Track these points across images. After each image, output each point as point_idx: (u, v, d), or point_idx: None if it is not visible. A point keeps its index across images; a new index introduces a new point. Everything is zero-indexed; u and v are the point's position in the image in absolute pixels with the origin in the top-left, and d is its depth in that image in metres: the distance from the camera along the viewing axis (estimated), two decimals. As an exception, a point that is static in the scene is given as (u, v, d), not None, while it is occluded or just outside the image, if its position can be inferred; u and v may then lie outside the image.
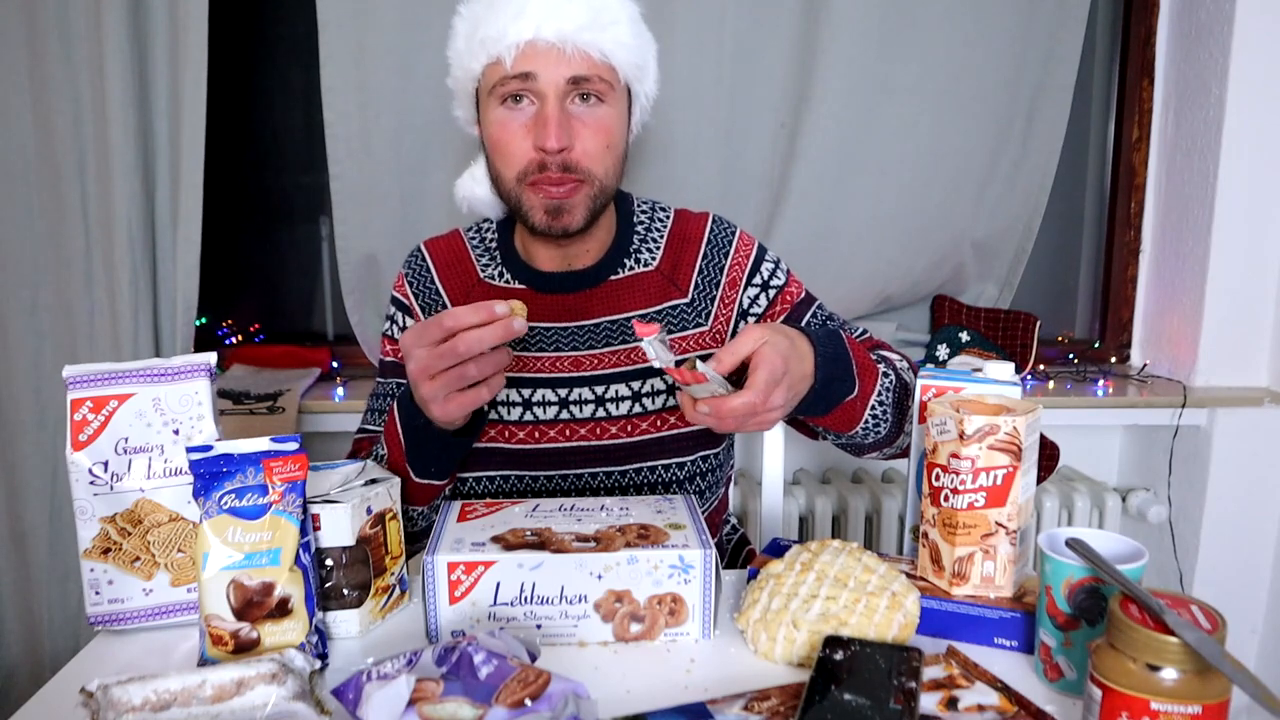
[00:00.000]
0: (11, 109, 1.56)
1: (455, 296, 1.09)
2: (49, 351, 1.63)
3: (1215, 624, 0.58)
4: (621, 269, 1.07)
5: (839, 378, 0.91)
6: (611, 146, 0.98)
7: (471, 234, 1.14)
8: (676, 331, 1.06)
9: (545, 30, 0.91)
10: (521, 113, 0.95)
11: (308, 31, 1.59)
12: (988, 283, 1.90)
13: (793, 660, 0.75)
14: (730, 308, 1.07)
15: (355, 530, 0.81)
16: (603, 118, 0.96)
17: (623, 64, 0.97)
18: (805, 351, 0.87)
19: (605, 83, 0.96)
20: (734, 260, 1.07)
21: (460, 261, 1.11)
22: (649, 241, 1.08)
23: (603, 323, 1.06)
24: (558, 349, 1.05)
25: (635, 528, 0.83)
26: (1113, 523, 1.82)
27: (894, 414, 0.99)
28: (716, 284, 1.07)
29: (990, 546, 0.79)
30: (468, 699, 0.62)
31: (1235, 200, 1.74)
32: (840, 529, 1.81)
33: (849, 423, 0.96)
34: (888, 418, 0.98)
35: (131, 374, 0.82)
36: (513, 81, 0.93)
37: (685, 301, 1.06)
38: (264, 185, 1.90)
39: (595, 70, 0.94)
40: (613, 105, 0.97)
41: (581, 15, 0.92)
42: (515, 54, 0.92)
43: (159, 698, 0.62)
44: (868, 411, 0.96)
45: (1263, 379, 1.81)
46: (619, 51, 0.96)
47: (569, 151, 0.95)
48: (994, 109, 1.74)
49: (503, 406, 1.05)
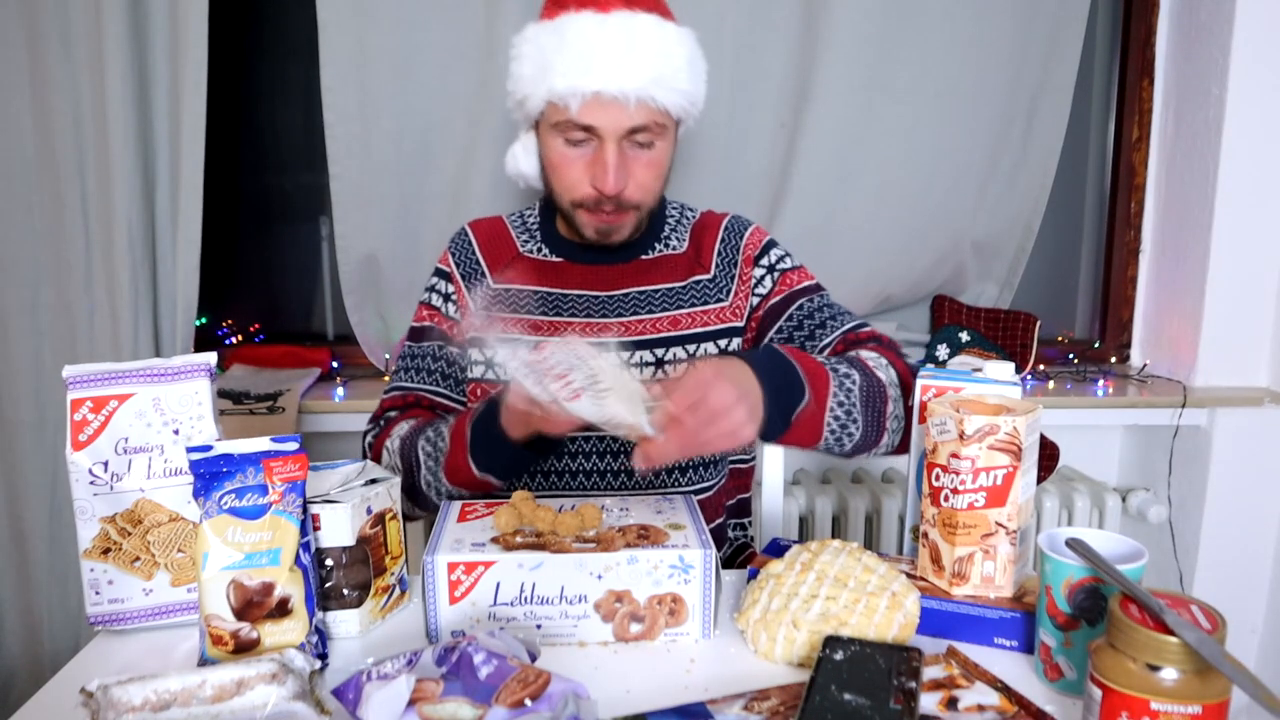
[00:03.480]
0: (11, 109, 1.56)
1: (495, 267, 1.17)
2: (49, 351, 1.63)
3: (1215, 624, 0.58)
4: (651, 251, 1.16)
5: (787, 386, 0.90)
6: (659, 176, 1.08)
7: (513, 217, 1.22)
8: (700, 305, 1.12)
9: (610, 86, 0.98)
10: (582, 153, 1.04)
11: (308, 31, 1.59)
12: (988, 283, 1.90)
13: (793, 660, 0.75)
14: (747, 285, 1.14)
15: (355, 530, 0.81)
16: (655, 156, 1.05)
17: (677, 107, 1.04)
18: (738, 364, 0.86)
19: (661, 126, 1.04)
20: (748, 243, 1.16)
21: (501, 238, 1.19)
22: (678, 231, 1.18)
23: (631, 293, 1.13)
24: (588, 315, 1.12)
25: (635, 528, 0.83)
26: (1113, 523, 1.82)
27: (865, 414, 0.96)
28: (734, 263, 1.15)
29: (990, 546, 0.79)
30: (468, 699, 0.62)
31: (1235, 200, 1.74)
32: (840, 529, 1.81)
33: (813, 434, 0.94)
34: (855, 420, 0.96)
35: (131, 374, 0.82)
36: (576, 129, 1.01)
37: (708, 278, 1.14)
38: (264, 185, 1.90)
39: (653, 118, 1.02)
40: (665, 140, 1.06)
41: (645, 74, 0.99)
42: (580, 104, 0.99)
43: (159, 698, 0.62)
44: (828, 415, 0.94)
45: (1263, 379, 1.81)
46: (677, 99, 1.03)
47: (624, 192, 1.04)
48: (994, 109, 1.74)
49: None
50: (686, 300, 1.12)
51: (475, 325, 1.09)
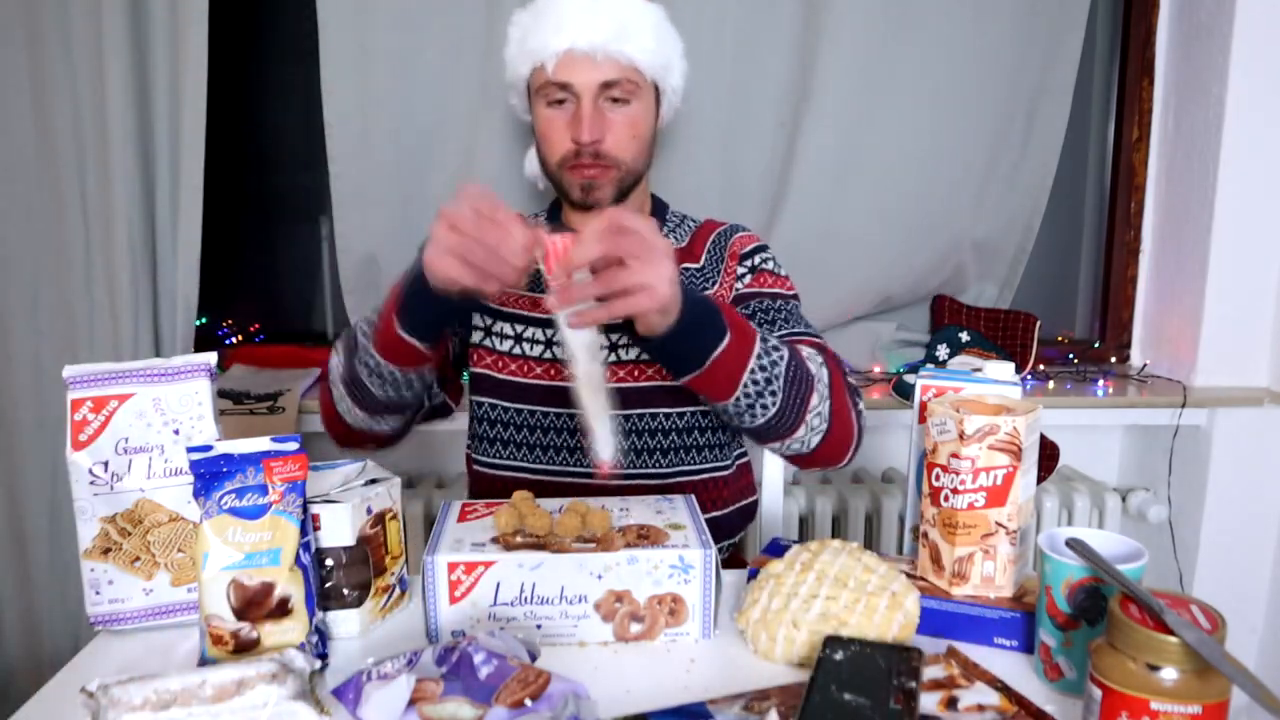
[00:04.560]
0: (11, 109, 1.56)
1: None
2: (49, 351, 1.63)
3: (1215, 624, 0.58)
4: None
5: (707, 323, 0.88)
6: (637, 137, 1.13)
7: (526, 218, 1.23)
8: None
9: (579, 41, 1.06)
10: (563, 111, 1.11)
11: (308, 31, 1.59)
12: (988, 283, 1.90)
13: (793, 660, 0.75)
14: (731, 277, 1.18)
15: (355, 530, 0.81)
16: (630, 114, 1.12)
17: (647, 66, 1.11)
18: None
19: (633, 84, 1.10)
20: (737, 240, 1.21)
21: None
22: (677, 233, 1.23)
23: None
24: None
25: (635, 528, 0.83)
26: (1113, 523, 1.82)
27: (786, 392, 0.94)
28: (722, 258, 1.20)
29: (990, 546, 0.79)
30: (468, 699, 0.62)
31: (1235, 200, 1.73)
32: (840, 529, 1.81)
33: (727, 386, 0.92)
34: (775, 393, 0.94)
35: (131, 374, 0.82)
36: (554, 87, 1.09)
37: (697, 266, 1.19)
38: (264, 185, 1.90)
39: (623, 74, 1.09)
40: (640, 101, 1.12)
41: (609, 29, 1.07)
42: (555, 62, 1.08)
43: (159, 698, 0.62)
44: (746, 375, 0.92)
45: (1263, 379, 1.81)
46: (643, 56, 1.10)
47: (600, 143, 1.10)
48: (994, 109, 1.74)
49: (528, 344, 1.15)
50: None
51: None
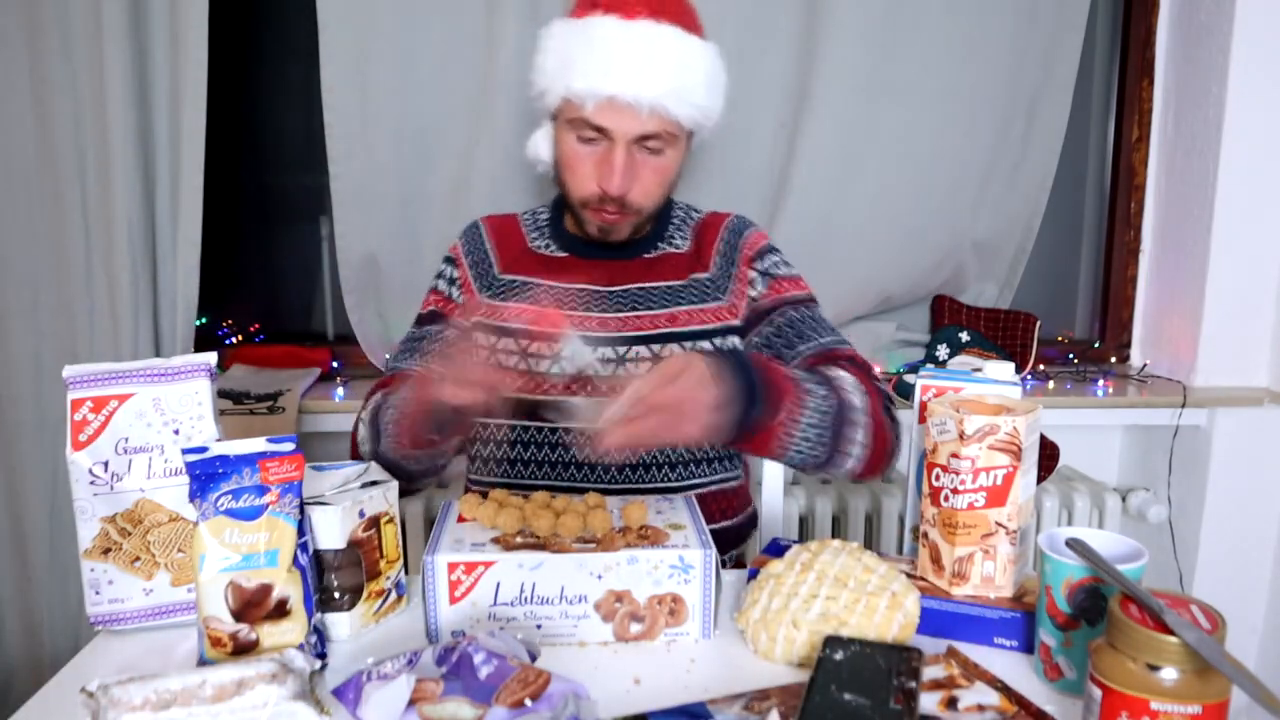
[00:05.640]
0: (11, 109, 1.56)
1: (503, 257, 1.19)
2: (49, 351, 1.63)
3: (1215, 624, 0.58)
4: (655, 249, 1.17)
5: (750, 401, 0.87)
6: (664, 183, 1.10)
7: (525, 215, 1.25)
8: (699, 303, 1.13)
9: (626, 91, 1.00)
10: (593, 150, 1.06)
11: (308, 31, 1.59)
12: (988, 283, 1.90)
13: (793, 660, 0.75)
14: (744, 285, 1.14)
15: (346, 533, 0.80)
16: (663, 163, 1.08)
17: (690, 120, 1.06)
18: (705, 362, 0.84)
19: (671, 135, 1.06)
20: (746, 244, 1.16)
21: (512, 233, 1.22)
22: (682, 230, 1.20)
23: (632, 289, 1.14)
24: (587, 309, 1.13)
25: (635, 528, 0.83)
26: (1113, 523, 1.82)
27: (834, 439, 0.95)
28: (733, 263, 1.15)
29: (990, 546, 0.79)
30: (468, 699, 0.62)
31: (1235, 200, 1.73)
32: (840, 529, 1.81)
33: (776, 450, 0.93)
34: (824, 443, 0.94)
35: (131, 374, 0.82)
36: (588, 129, 1.04)
37: (707, 276, 1.15)
38: (264, 185, 1.90)
39: (664, 127, 1.04)
40: (674, 149, 1.08)
41: (661, 85, 1.01)
42: (594, 105, 1.02)
43: (159, 698, 0.62)
44: (792, 444, 0.92)
45: (1263, 379, 1.81)
46: (690, 111, 1.05)
47: (627, 194, 1.06)
48: (994, 109, 1.74)
49: (531, 358, 1.12)
50: (685, 298, 1.13)
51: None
